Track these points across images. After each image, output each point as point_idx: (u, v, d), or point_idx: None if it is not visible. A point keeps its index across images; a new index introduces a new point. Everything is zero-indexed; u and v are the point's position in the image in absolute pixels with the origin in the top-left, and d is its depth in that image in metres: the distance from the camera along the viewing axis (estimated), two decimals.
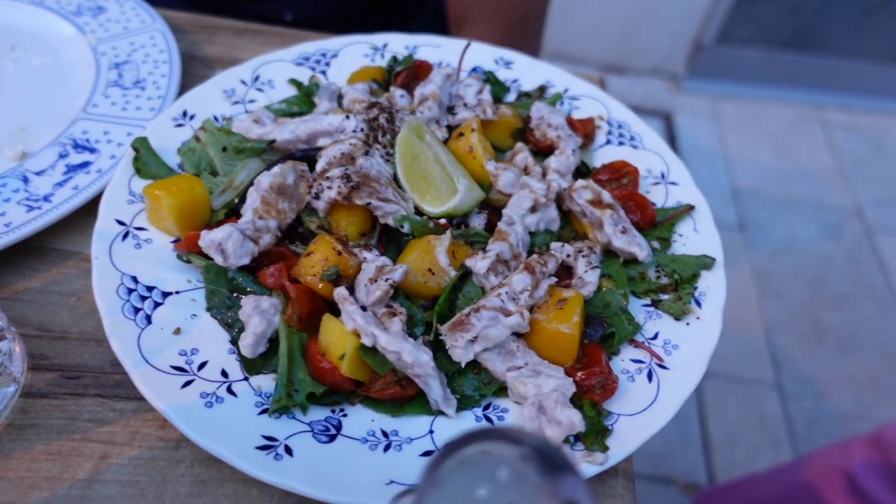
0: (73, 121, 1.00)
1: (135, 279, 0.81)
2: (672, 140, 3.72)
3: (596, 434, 0.73)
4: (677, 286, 0.89)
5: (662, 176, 1.03)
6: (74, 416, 0.76)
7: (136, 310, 0.78)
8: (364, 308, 0.78)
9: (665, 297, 0.88)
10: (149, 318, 0.78)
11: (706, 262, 0.90)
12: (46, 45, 1.15)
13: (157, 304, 0.80)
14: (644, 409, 0.76)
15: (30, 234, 0.86)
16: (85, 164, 0.94)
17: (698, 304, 0.87)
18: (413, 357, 0.73)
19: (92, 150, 0.96)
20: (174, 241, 0.86)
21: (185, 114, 1.00)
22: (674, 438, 2.53)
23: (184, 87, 1.08)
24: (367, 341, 0.75)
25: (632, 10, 3.80)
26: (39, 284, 0.87)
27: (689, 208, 0.97)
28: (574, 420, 0.71)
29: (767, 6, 3.71)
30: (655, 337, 0.84)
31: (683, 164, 1.04)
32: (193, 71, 1.18)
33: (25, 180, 0.91)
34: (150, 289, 0.81)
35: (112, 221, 0.86)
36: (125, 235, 0.85)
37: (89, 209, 0.91)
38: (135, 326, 0.77)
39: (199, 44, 1.24)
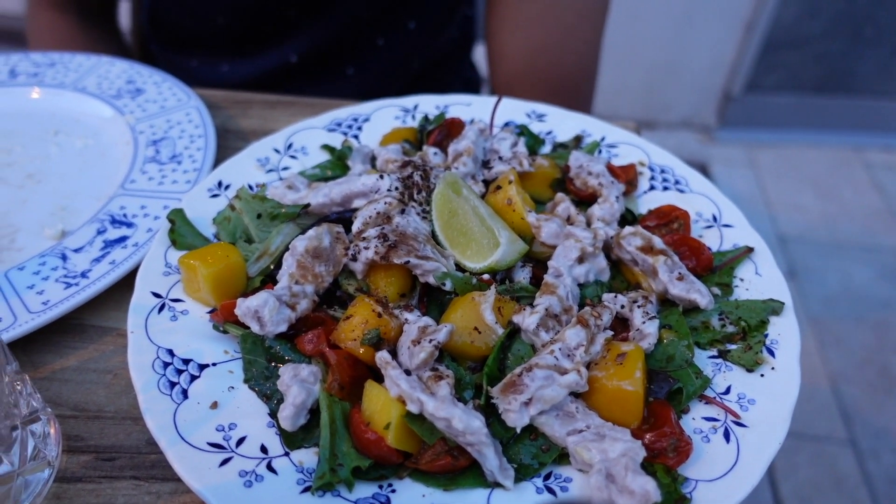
0: (111, 197, 1.00)
1: (171, 352, 0.78)
2: None
3: None
4: (745, 334, 0.82)
5: (714, 219, 0.98)
6: (109, 501, 0.71)
7: (172, 384, 0.75)
8: (408, 372, 0.73)
9: (733, 347, 0.81)
10: (185, 393, 0.74)
11: (774, 307, 0.83)
12: (87, 128, 1.18)
13: (193, 378, 0.76)
14: (725, 474, 0.69)
15: (67, 311, 0.84)
16: (122, 239, 0.93)
17: (771, 353, 0.80)
18: (464, 423, 0.67)
19: (129, 225, 0.95)
20: (210, 312, 0.84)
21: (220, 184, 1.00)
22: None
23: (219, 160, 1.09)
24: (413, 408, 0.69)
25: (654, 67, 3.83)
26: (76, 362, 0.85)
27: (749, 250, 0.91)
28: (648, 489, 0.64)
29: (793, 54, 3.70)
30: (728, 391, 0.77)
31: (735, 205, 0.99)
32: (229, 144, 1.19)
33: (64, 258, 0.91)
34: (186, 362, 0.78)
35: (148, 294, 0.84)
36: (161, 308, 0.83)
37: (127, 283, 0.89)
38: (171, 402, 0.73)
39: (235, 118, 1.26)
